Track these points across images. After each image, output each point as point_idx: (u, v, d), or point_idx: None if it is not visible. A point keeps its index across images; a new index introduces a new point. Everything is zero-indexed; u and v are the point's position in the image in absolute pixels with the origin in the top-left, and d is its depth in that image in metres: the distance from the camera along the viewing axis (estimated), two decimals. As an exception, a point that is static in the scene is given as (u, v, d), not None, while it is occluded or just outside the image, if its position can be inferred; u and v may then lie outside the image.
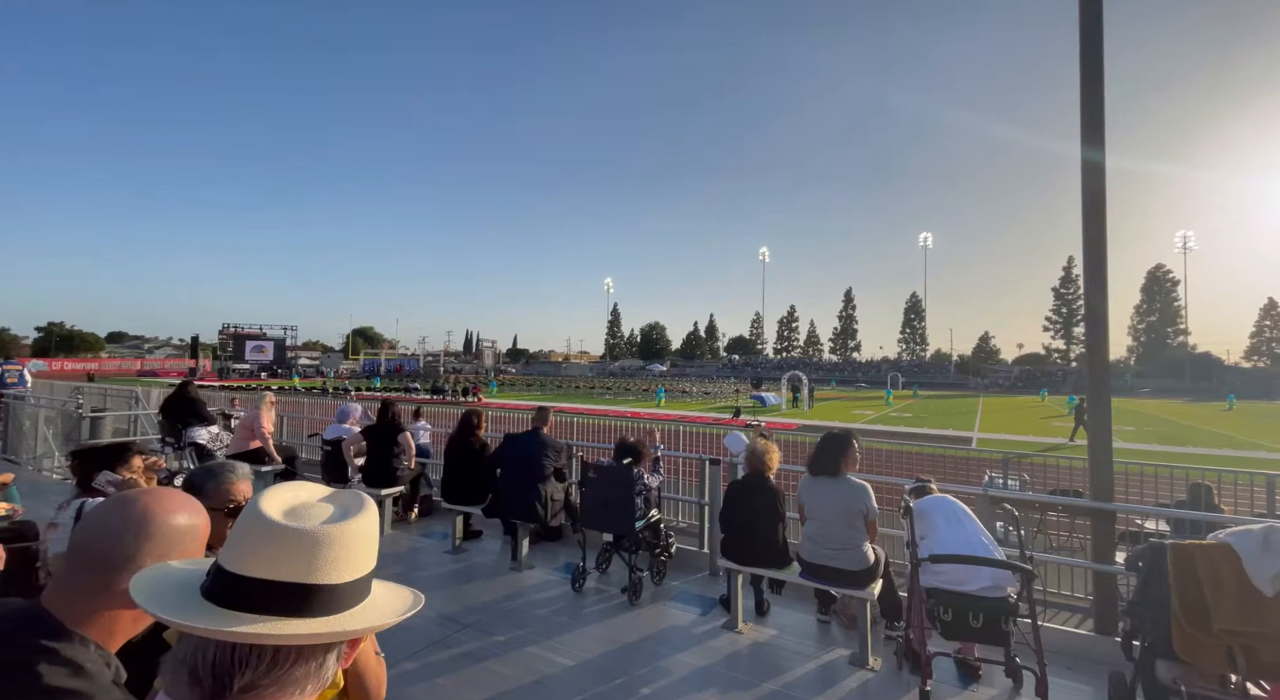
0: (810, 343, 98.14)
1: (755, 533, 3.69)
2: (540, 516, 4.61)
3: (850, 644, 3.51)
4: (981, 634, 2.85)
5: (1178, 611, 2.20)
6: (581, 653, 3.37)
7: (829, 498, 3.49)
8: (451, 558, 5.02)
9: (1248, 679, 2.19)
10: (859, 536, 3.41)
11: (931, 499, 3.31)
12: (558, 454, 4.89)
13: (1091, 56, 3.95)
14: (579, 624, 3.76)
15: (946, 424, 25.34)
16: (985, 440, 19.28)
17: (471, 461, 5.10)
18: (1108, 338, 3.99)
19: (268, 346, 63.40)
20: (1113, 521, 3.89)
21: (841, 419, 26.20)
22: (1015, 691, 3.06)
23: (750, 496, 3.76)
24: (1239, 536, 2.18)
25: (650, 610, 4.01)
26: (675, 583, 4.54)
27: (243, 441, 6.76)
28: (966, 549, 2.92)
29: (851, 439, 3.60)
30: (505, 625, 3.71)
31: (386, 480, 5.70)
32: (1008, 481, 6.05)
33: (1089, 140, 3.93)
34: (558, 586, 4.35)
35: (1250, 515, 4.72)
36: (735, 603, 3.74)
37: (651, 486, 4.50)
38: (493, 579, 4.53)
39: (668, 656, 3.38)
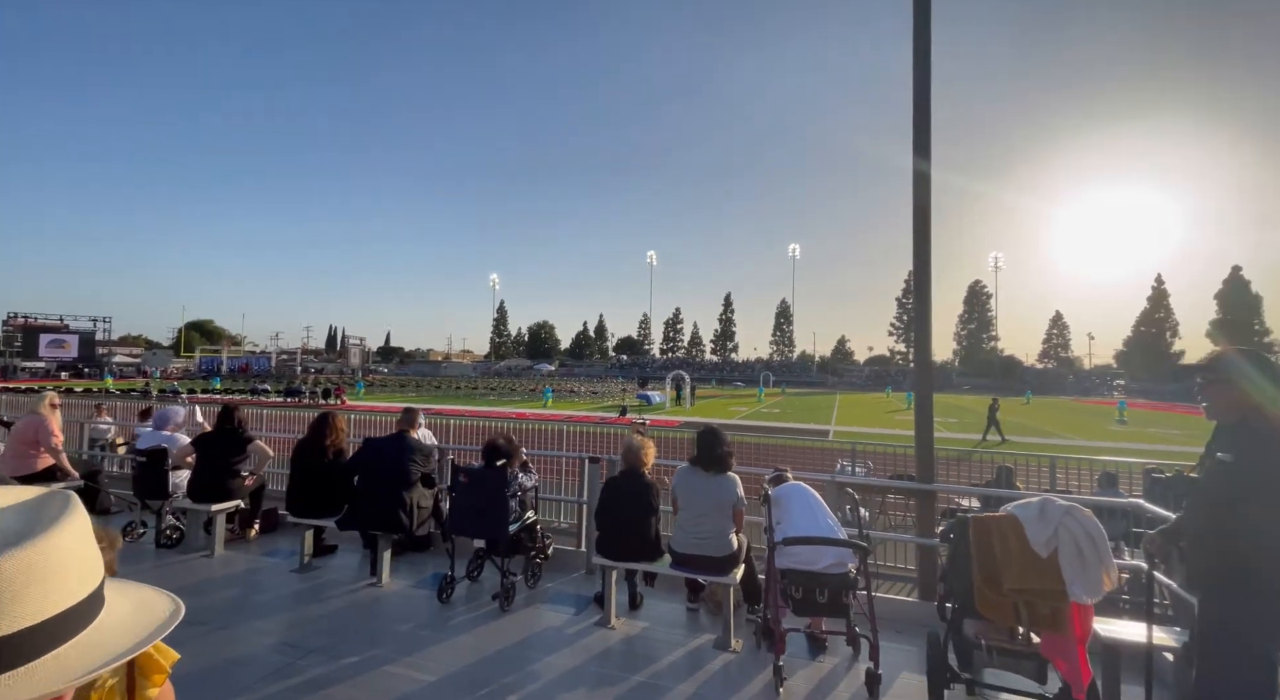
0: (694, 344, 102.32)
1: (630, 528, 3.73)
2: (405, 525, 4.29)
3: (716, 629, 3.67)
4: (826, 608, 3.12)
5: (977, 575, 2.57)
6: (445, 666, 3.18)
7: (704, 490, 3.63)
8: (299, 577, 4.51)
9: (1029, 630, 2.61)
10: (728, 525, 3.58)
11: (787, 486, 3.57)
12: (426, 458, 4.58)
13: (921, 84, 4.49)
14: (444, 636, 3.55)
15: (809, 418, 27.75)
16: (840, 432, 21.41)
17: (324, 469, 4.61)
18: (930, 342, 4.59)
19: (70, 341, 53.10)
20: (933, 500, 4.48)
21: (720, 415, 27.67)
22: (854, 657, 3.39)
23: (626, 492, 3.80)
24: (1021, 508, 2.60)
25: (523, 615, 3.90)
26: (551, 584, 4.46)
27: (22, 456, 5.54)
28: (815, 531, 3.19)
29: (724, 433, 3.79)
30: (359, 646, 3.40)
31: (220, 494, 4.99)
32: (855, 468, 6.72)
33: (918, 158, 4.46)
34: (423, 599, 4.08)
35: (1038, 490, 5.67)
36: (608, 599, 3.75)
37: (527, 487, 4.39)
38: (348, 597, 4.14)
39: (539, 660, 3.30)
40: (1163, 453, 16.83)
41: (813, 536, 3.14)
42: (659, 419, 23.51)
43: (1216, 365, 2.39)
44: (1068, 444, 19.82)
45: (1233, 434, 2.31)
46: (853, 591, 3.14)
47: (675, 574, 3.72)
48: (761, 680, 3.12)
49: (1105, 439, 21.76)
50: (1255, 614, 2.17)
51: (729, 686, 3.09)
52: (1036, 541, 2.47)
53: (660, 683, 3.10)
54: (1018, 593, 2.48)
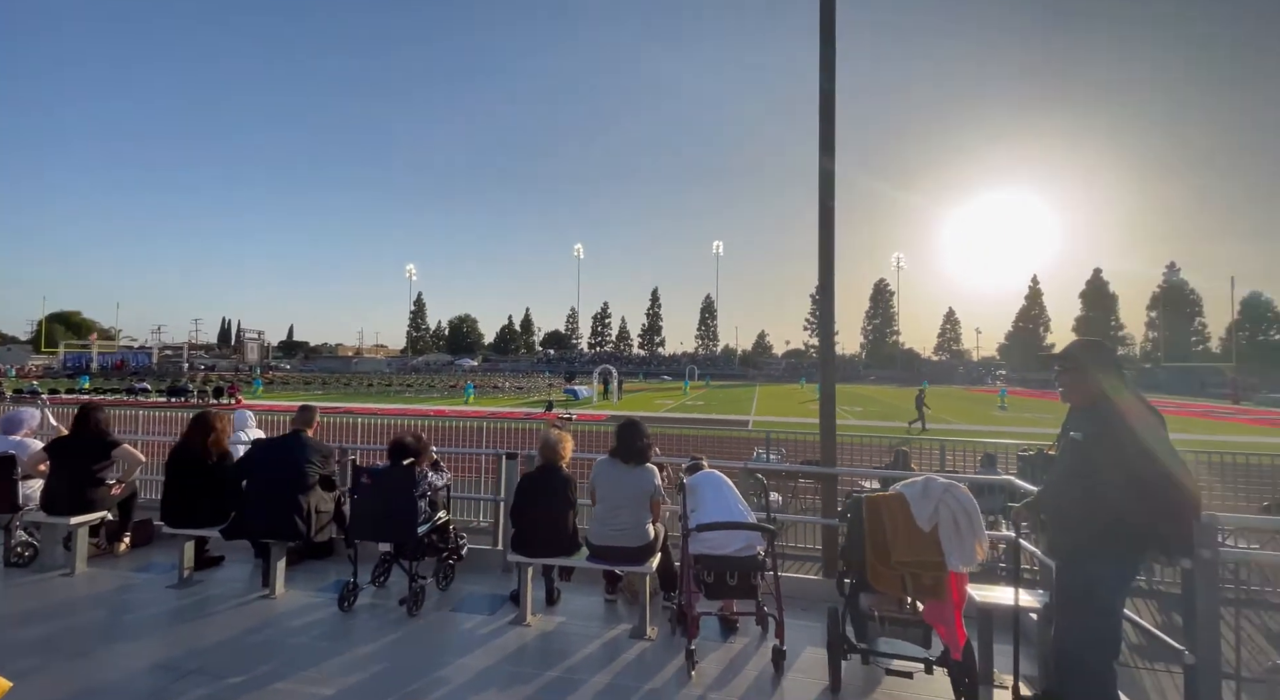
0: (622, 338, 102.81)
1: (546, 523, 3.68)
2: (301, 531, 3.99)
3: (633, 619, 3.71)
4: (736, 590, 3.23)
5: (869, 551, 2.76)
6: (345, 679, 3.00)
7: (622, 481, 3.64)
8: (177, 593, 4.09)
9: (915, 598, 2.83)
10: (644, 516, 3.62)
11: (701, 475, 3.66)
12: (325, 459, 4.28)
13: (826, 84, 4.70)
14: (346, 647, 3.34)
15: (731, 410, 28.73)
16: (759, 422, 22.31)
17: (206, 474, 4.19)
18: (834, 335, 4.88)
19: (-111, 335, 44.94)
20: (835, 483, 4.76)
21: (646, 408, 28.02)
22: (763, 636, 3.54)
23: (542, 487, 3.74)
24: (906, 486, 2.82)
25: (433, 619, 3.74)
26: (465, 586, 4.32)
27: None
28: (726, 517, 3.29)
29: (644, 425, 3.82)
30: (247, 663, 3.13)
31: (81, 505, 4.42)
32: (769, 456, 7.01)
33: (824, 164, 4.69)
34: (321, 609, 3.82)
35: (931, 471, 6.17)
36: (524, 597, 3.69)
37: (438, 486, 4.21)
38: (235, 612, 3.80)
39: (449, 664, 3.18)
40: (1036, 435, 18.90)
41: (723, 521, 3.23)
42: (586, 413, 23.43)
43: (1068, 355, 2.69)
44: (956, 428, 21.78)
45: (1083, 415, 2.61)
46: (761, 573, 3.27)
47: (592, 567, 3.71)
48: (675, 665, 3.19)
49: (988, 423, 24.12)
50: (1102, 575, 2.47)
51: (643, 674, 3.13)
52: (920, 517, 2.68)
53: (575, 676, 3.08)
54: (904, 565, 2.68)
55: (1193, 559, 2.34)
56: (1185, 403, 40.44)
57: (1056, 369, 2.73)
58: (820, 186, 4.68)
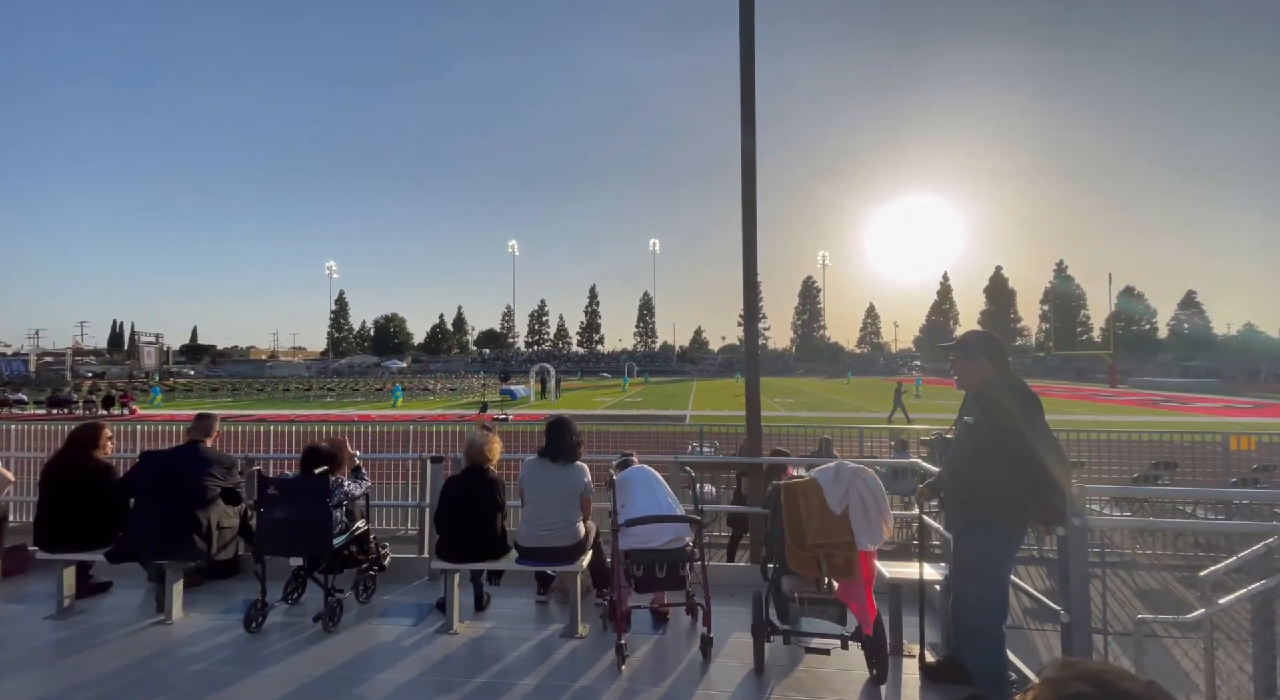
0: (560, 336, 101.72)
1: (472, 527, 3.59)
2: (201, 550, 3.68)
3: (565, 618, 3.69)
4: (666, 582, 3.28)
5: (787, 535, 2.88)
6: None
7: (551, 480, 3.60)
8: (56, 625, 3.68)
9: (830, 578, 2.98)
10: (574, 514, 3.60)
11: (631, 470, 3.69)
12: (227, 471, 3.96)
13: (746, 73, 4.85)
14: (252, 670, 3.12)
15: (669, 405, 29.11)
16: (695, 416, 22.73)
17: (84, 491, 3.78)
18: (757, 331, 5.06)
19: None
20: (761, 472, 4.93)
21: (585, 406, 27.89)
22: (693, 625, 3.62)
23: (467, 491, 3.65)
24: (820, 472, 2.97)
25: (352, 633, 3.56)
26: (388, 597, 4.15)
27: None
28: (654, 510, 3.33)
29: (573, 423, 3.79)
30: (139, 695, 2.87)
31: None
32: (704, 448, 7.17)
33: (745, 137, 4.83)
34: (226, 631, 3.55)
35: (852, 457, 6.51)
36: (450, 604, 3.58)
37: (355, 495, 4.01)
38: (125, 641, 3.46)
39: (369, 679, 3.04)
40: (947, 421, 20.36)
41: (650, 515, 3.27)
42: (523, 413, 23.01)
43: (960, 345, 2.92)
44: (875, 417, 23.13)
45: (973, 401, 2.84)
46: (690, 563, 3.34)
47: (523, 568, 3.66)
48: (606, 661, 3.20)
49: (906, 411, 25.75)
50: (990, 545, 2.70)
51: (574, 672, 3.12)
52: (832, 500, 2.83)
53: (504, 680, 3.03)
54: (819, 547, 2.82)
55: (1066, 527, 2.60)
56: (1071, 387, 44.97)
57: (952, 358, 2.95)
58: (743, 168, 4.81)
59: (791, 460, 5.23)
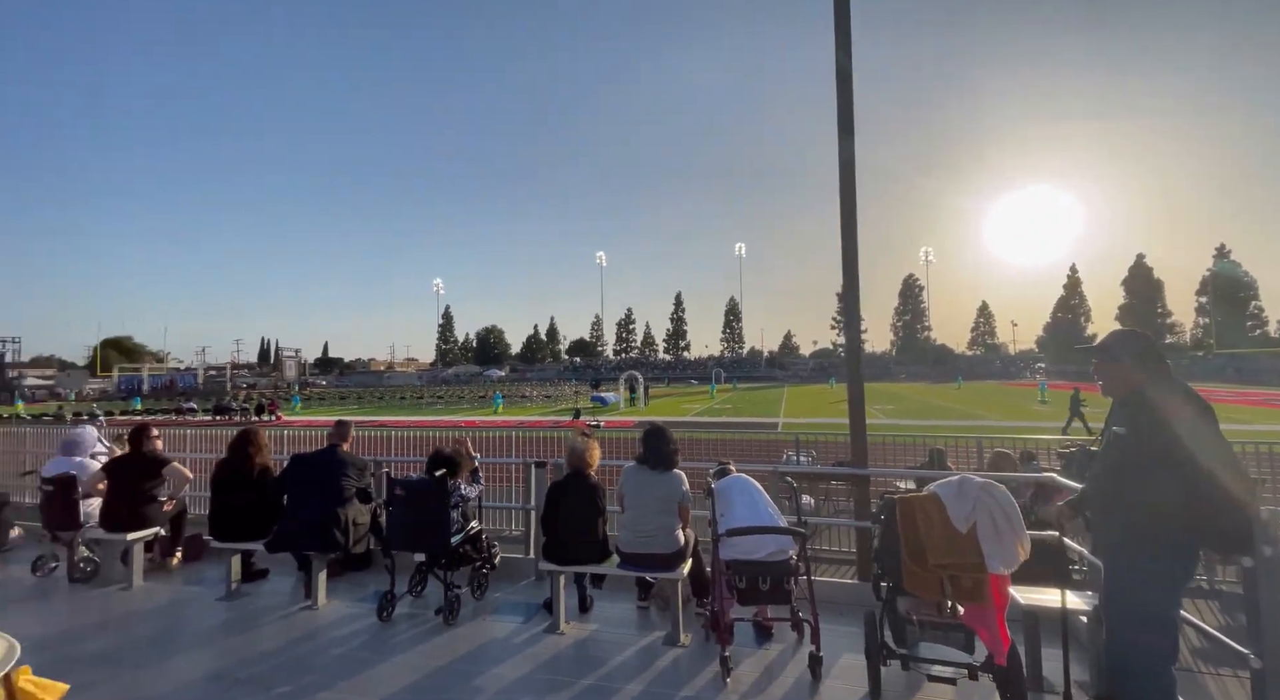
0: (646, 343, 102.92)
1: (576, 531, 3.70)
2: (340, 544, 4.09)
3: (666, 626, 3.69)
4: (770, 596, 3.19)
5: (905, 553, 2.69)
6: (387, 687, 3.06)
7: (650, 487, 3.64)
8: (226, 606, 4.24)
9: (954, 602, 2.75)
10: (673, 522, 3.61)
11: (730, 479, 3.63)
12: (361, 472, 4.39)
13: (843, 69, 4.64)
14: (385, 656, 3.41)
15: (759, 412, 28.43)
16: (788, 424, 22.02)
17: (248, 489, 4.35)
18: (859, 334, 4.79)
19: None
20: (868, 484, 4.66)
21: (673, 413, 27.93)
22: (799, 642, 3.49)
23: (571, 495, 3.77)
24: (941, 486, 2.75)
25: (468, 627, 3.80)
26: (499, 594, 4.37)
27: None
28: (755, 521, 3.26)
29: (670, 431, 3.81)
30: (293, 673, 3.22)
31: (135, 522, 4.63)
32: (799, 458, 6.91)
33: (843, 155, 4.62)
34: (362, 619, 3.91)
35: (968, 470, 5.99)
36: (557, 604, 3.71)
37: (470, 497, 4.28)
38: (280, 623, 3.92)
39: (485, 672, 3.22)
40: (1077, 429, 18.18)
41: (752, 526, 3.20)
42: (614, 420, 23.52)
43: (1103, 347, 2.59)
44: (994, 424, 21.11)
45: (1124, 408, 2.51)
46: (794, 577, 3.22)
47: (624, 574, 3.72)
48: (710, 672, 3.16)
49: (1028, 418, 23.31)
50: (1153, 574, 2.36)
51: (678, 681, 3.11)
52: (956, 517, 2.61)
53: (610, 684, 3.08)
54: (942, 568, 2.61)
55: (1253, 556, 2.22)
56: (1241, 391, 38.42)
57: (1094, 362, 2.63)
58: (840, 172, 4.60)
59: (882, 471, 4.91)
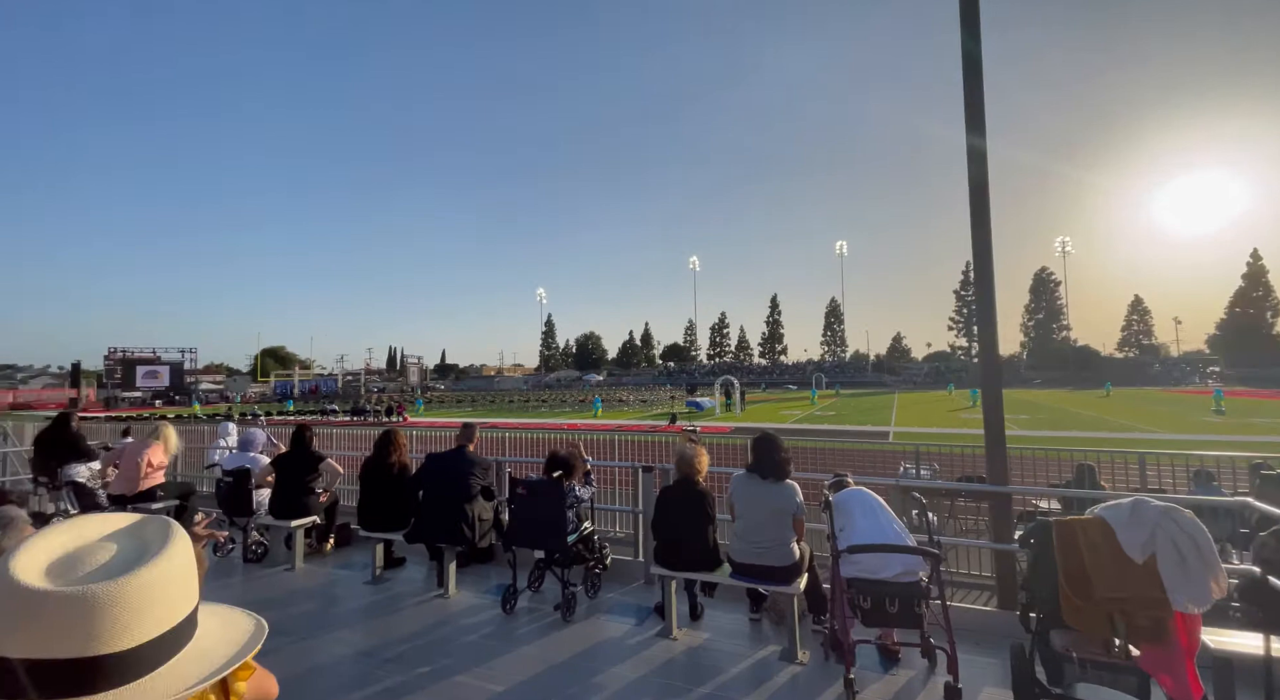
0: (741, 348, 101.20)
1: (686, 537, 3.71)
2: (468, 538, 4.41)
3: (780, 640, 3.58)
4: (897, 618, 2.99)
5: (1064, 583, 2.40)
6: (513, 676, 3.24)
7: (761, 498, 3.56)
8: (372, 589, 4.71)
9: (1128, 641, 2.41)
10: (788, 534, 3.50)
11: (848, 492, 3.46)
12: (485, 471, 4.71)
13: (971, 62, 4.29)
14: (511, 646, 3.62)
15: (866, 420, 26.82)
16: (901, 433, 20.55)
17: (390, 485, 4.81)
18: (996, 335, 4.35)
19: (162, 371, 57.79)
20: (1009, 503, 4.22)
21: (771, 420, 27.17)
22: (930, 670, 3.23)
23: (680, 501, 3.78)
24: (1111, 510, 2.42)
25: (585, 625, 3.92)
26: (611, 595, 4.48)
27: (131, 477, 6.06)
28: (880, 538, 3.07)
29: (781, 439, 3.72)
30: (431, 656, 3.51)
31: (298, 511, 5.29)
32: (920, 471, 6.43)
33: (972, 141, 4.26)
34: (488, 609, 4.17)
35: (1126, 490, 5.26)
36: (669, 610, 3.73)
37: (583, 499, 4.43)
38: (418, 608, 4.28)
39: (603, 671, 3.31)
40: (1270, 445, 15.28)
41: (879, 544, 3.02)
42: (710, 425, 23.33)
43: None
44: (1157, 438, 18.31)
45: None
46: (925, 601, 3.00)
47: (736, 584, 3.66)
48: (832, 693, 3.02)
49: (1201, 432, 19.96)
50: None
51: (797, 699, 3.00)
52: (1130, 546, 2.29)
53: (726, 695, 3.05)
54: (1112, 602, 2.30)
55: None
56: None
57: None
58: (970, 164, 4.26)
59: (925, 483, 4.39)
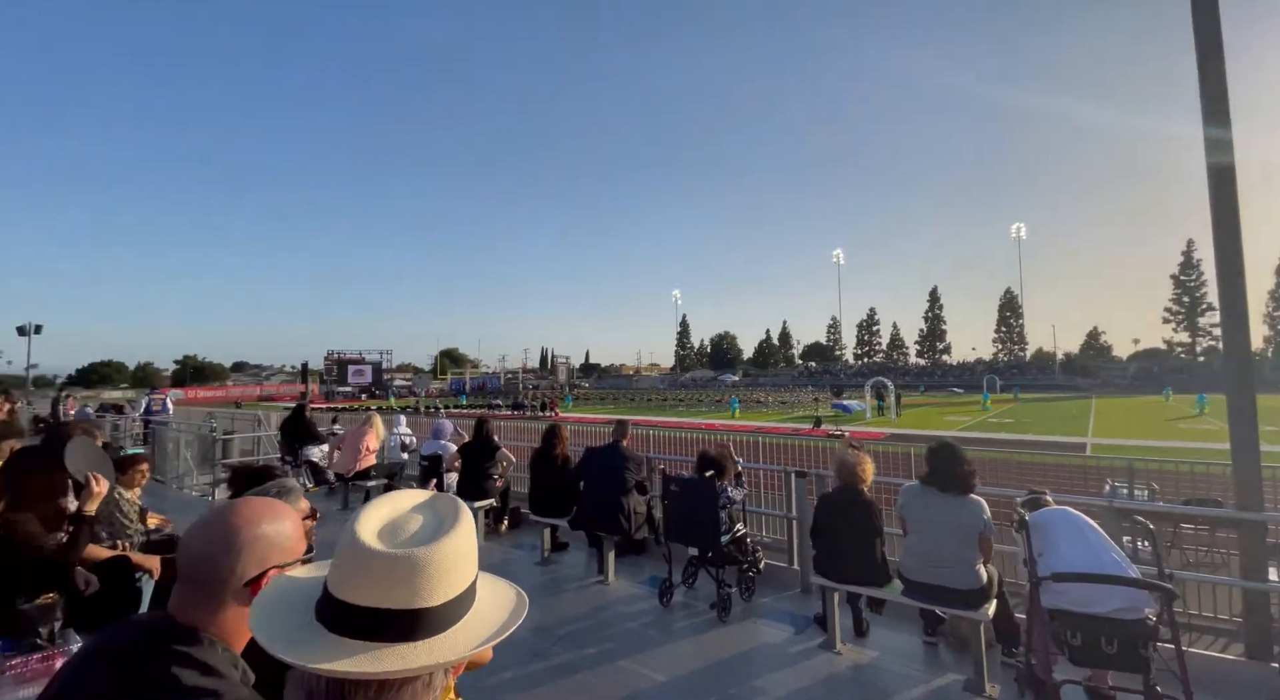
0: (894, 346, 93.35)
1: (851, 548, 3.53)
2: (624, 529, 4.65)
3: (962, 669, 3.26)
4: (1117, 660, 2.56)
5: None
6: (673, 669, 3.35)
7: (940, 513, 3.28)
8: (541, 569, 5.16)
9: None
10: (972, 554, 3.18)
11: (1049, 511, 3.04)
12: (639, 467, 4.92)
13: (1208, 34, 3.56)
14: (669, 639, 3.74)
15: (1054, 429, 23.18)
16: (1102, 446, 17.44)
17: (555, 475, 5.24)
18: (1249, 329, 3.53)
19: (366, 370, 68.74)
20: (1263, 533, 3.41)
21: (934, 426, 24.65)
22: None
23: (843, 511, 3.61)
24: None
25: (741, 627, 3.92)
26: (765, 600, 4.42)
27: (352, 457, 7.33)
28: (1094, 566, 2.65)
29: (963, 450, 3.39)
30: (596, 638, 3.75)
31: (479, 493, 5.97)
32: (1135, 491, 5.43)
33: (1211, 117, 3.56)
34: (644, 600, 4.35)
35: None
36: (832, 622, 3.58)
37: (735, 500, 4.43)
38: (581, 591, 4.60)
39: (762, 675, 3.29)
40: None
41: (1095, 573, 2.61)
42: (860, 431, 21.83)
43: None
44: None
45: None
46: (1153, 643, 2.54)
47: (909, 603, 3.40)
48: (1029, 736, 2.68)
49: None
50: None
51: None
52: None
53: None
54: None
55: None
56: None
57: None
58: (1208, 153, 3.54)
59: None
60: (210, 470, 8.72)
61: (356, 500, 7.50)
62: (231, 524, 0.98)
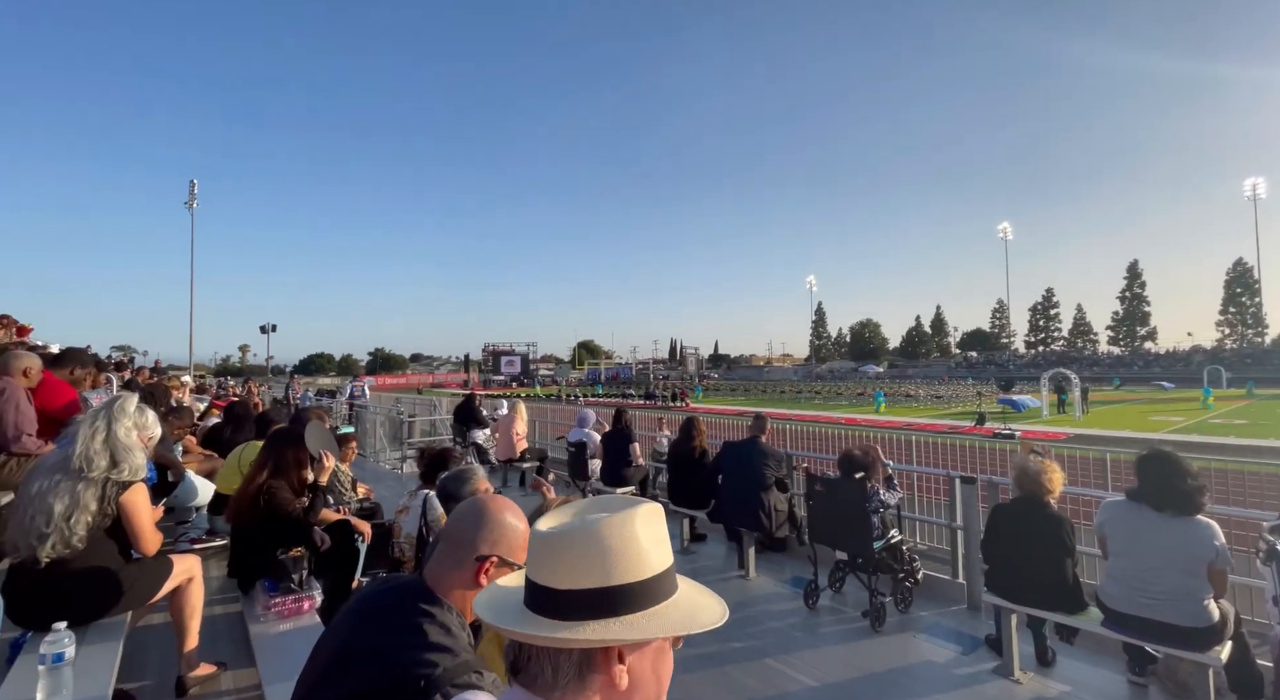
0: (1079, 332, 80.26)
1: (1034, 567, 3.13)
2: (765, 526, 4.57)
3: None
4: None
5: None
6: (823, 674, 3.24)
7: (1155, 536, 2.77)
8: (681, 559, 5.26)
9: None
10: (1199, 587, 2.65)
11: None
12: (779, 463, 4.80)
13: None
14: (816, 642, 3.62)
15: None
16: (1394, 460, 13.40)
17: (693, 467, 5.30)
18: None
19: (516, 361, 75.43)
20: None
21: (1136, 427, 20.78)
22: None
23: (1024, 524, 3.20)
24: None
25: (897, 640, 3.67)
26: (924, 614, 4.08)
27: (507, 443, 8.09)
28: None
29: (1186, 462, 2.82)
30: (741, 632, 3.74)
31: (619, 480, 6.26)
32: None
33: None
34: (789, 600, 4.25)
35: None
36: (1009, 646, 3.20)
37: (889, 504, 4.14)
38: (722, 583, 4.62)
39: (923, 694, 3.05)
40: None
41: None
42: (1034, 430, 19.07)
43: None
44: None
45: None
46: None
47: (1110, 635, 2.93)
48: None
49: None
50: None
51: None
52: None
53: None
54: None
55: None
56: None
57: None
58: None
59: None
60: (400, 447, 10.17)
61: (514, 479, 8.26)
62: (488, 506, 1.31)
